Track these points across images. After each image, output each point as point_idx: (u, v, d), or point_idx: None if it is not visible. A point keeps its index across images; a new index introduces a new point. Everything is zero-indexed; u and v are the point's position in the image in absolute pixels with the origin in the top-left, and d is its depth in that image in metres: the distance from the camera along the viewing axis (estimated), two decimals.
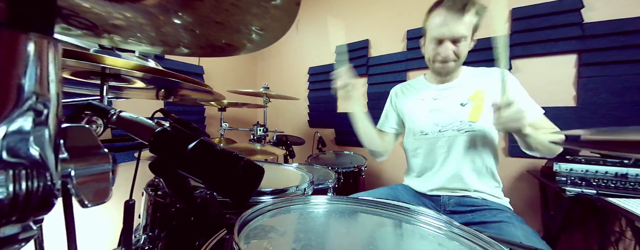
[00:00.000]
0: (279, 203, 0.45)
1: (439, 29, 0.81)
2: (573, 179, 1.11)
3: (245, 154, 1.14)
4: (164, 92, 0.78)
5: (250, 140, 1.41)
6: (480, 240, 0.37)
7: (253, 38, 0.32)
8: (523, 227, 0.71)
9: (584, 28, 1.35)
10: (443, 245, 0.38)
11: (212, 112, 2.14)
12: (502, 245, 0.34)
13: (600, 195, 1.02)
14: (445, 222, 0.42)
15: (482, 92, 0.88)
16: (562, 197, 1.12)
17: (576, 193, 1.07)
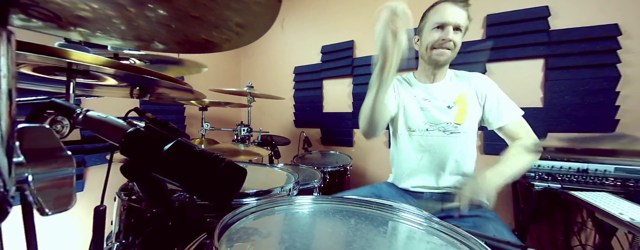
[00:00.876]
0: (262, 204, 0.44)
1: (444, 15, 0.84)
2: (540, 175, 1.19)
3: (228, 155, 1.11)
4: (138, 90, 0.74)
5: (234, 140, 1.37)
6: (457, 234, 0.39)
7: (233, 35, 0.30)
8: (497, 220, 0.76)
9: (550, 35, 1.46)
10: (423, 240, 0.39)
11: (192, 112, 2.06)
12: (478, 239, 0.36)
13: (564, 189, 1.11)
14: (425, 218, 0.44)
15: (465, 96, 0.92)
16: (530, 192, 1.20)
17: (543, 187, 1.15)
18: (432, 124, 0.93)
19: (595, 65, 1.38)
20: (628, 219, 0.78)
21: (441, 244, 0.38)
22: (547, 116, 1.46)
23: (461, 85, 0.94)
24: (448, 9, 0.84)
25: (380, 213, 0.49)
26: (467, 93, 0.92)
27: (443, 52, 0.87)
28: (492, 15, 1.59)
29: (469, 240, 0.36)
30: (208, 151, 0.31)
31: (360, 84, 2.02)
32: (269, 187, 0.62)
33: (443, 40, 0.85)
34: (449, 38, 0.84)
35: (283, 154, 1.83)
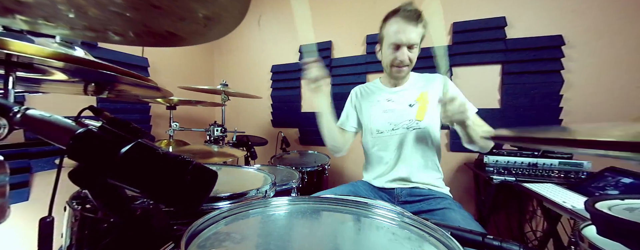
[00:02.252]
0: (236, 208, 0.42)
1: (397, 35, 0.89)
2: (498, 169, 1.31)
3: (200, 156, 1.05)
4: (94, 86, 0.66)
5: (206, 141, 1.30)
6: (427, 227, 0.40)
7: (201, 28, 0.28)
8: (461, 211, 0.82)
9: (506, 43, 1.61)
10: (396, 234, 0.41)
11: (159, 111, 1.91)
12: (445, 230, 0.38)
13: (518, 181, 1.24)
14: (398, 213, 0.45)
15: (426, 94, 1.00)
16: (490, 184, 1.32)
17: (500, 180, 1.28)
18: (396, 124, 0.99)
19: (544, 71, 1.55)
20: (570, 206, 0.89)
21: (411, 237, 0.39)
22: (504, 116, 1.61)
23: (424, 84, 1.02)
24: (401, 28, 0.88)
25: (357, 211, 0.50)
26: (429, 91, 1.00)
27: (400, 70, 0.96)
28: (458, 23, 1.71)
29: (436, 232, 0.38)
30: (173, 153, 0.28)
31: (338, 84, 2.04)
32: (244, 190, 0.60)
33: (400, 61, 0.93)
34: (403, 59, 0.92)
35: (260, 154, 1.78)
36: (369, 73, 1.96)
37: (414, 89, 1.02)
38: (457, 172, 1.73)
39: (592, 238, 0.48)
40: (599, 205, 0.48)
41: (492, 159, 1.33)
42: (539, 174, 1.25)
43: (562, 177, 1.22)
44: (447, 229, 0.41)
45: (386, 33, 0.94)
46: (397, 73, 0.97)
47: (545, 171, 1.25)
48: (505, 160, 1.32)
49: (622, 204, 0.49)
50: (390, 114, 1.01)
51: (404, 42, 0.89)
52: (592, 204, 0.47)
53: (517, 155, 1.31)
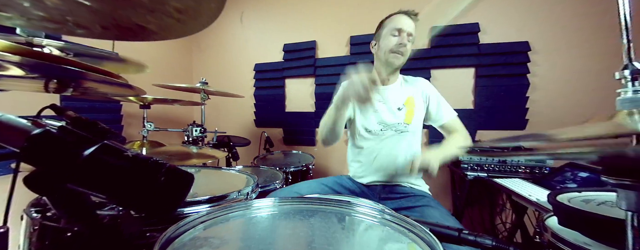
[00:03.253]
0: (214, 212, 0.40)
1: (400, 21, 0.97)
2: (472, 166, 1.39)
3: (177, 158, 1.00)
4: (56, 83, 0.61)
5: (184, 142, 1.24)
6: (407, 223, 0.42)
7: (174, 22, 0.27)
8: (439, 208, 0.86)
9: (480, 47, 1.71)
10: (377, 230, 0.41)
11: (132, 110, 1.79)
12: (424, 227, 0.40)
13: (489, 177, 1.32)
14: (379, 211, 0.46)
15: (413, 98, 1.04)
16: (464, 180, 1.40)
17: (474, 176, 1.36)
18: (385, 125, 1.02)
19: (512, 74, 1.67)
20: (535, 199, 0.96)
21: (393, 234, 0.40)
22: (477, 116, 1.71)
23: (409, 88, 1.06)
24: (403, 18, 0.97)
25: (340, 209, 0.50)
26: (414, 96, 1.04)
27: (398, 56, 0.98)
28: (436, 27, 1.79)
29: (415, 228, 0.40)
30: (145, 156, 0.27)
31: (323, 84, 2.04)
32: (224, 192, 0.58)
33: (400, 44, 0.95)
34: (404, 42, 0.95)
35: (242, 155, 1.73)
36: None
37: (402, 92, 1.05)
38: None
39: (554, 228, 0.52)
40: (559, 197, 0.52)
41: (467, 157, 1.41)
42: (508, 170, 1.35)
43: (528, 173, 1.32)
44: (426, 225, 0.42)
45: (387, 24, 0.99)
46: (393, 59, 0.97)
47: (513, 167, 1.34)
48: (478, 157, 1.40)
49: (580, 196, 0.54)
50: (379, 115, 1.03)
51: (405, 28, 0.96)
52: (554, 197, 0.51)
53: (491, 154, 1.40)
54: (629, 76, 0.31)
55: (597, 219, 0.41)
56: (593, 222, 0.42)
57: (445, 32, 1.75)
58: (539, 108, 1.64)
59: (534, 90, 1.64)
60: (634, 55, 0.31)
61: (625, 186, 0.28)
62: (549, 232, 0.52)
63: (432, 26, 1.74)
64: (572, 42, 1.58)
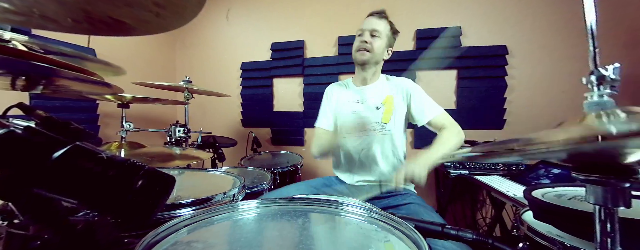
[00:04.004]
0: (199, 215, 0.39)
1: (363, 24, 1.03)
2: (455, 164, 1.44)
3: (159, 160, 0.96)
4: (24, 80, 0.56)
5: (167, 143, 1.19)
6: (392, 221, 0.42)
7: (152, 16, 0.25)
8: (424, 205, 0.89)
9: (461, 50, 1.78)
10: (364, 228, 0.42)
11: (109, 109, 1.70)
12: (409, 223, 0.41)
13: (471, 174, 1.38)
14: (366, 210, 0.47)
15: (392, 97, 1.04)
16: (448, 178, 1.46)
17: (457, 174, 1.42)
18: (363, 125, 1.04)
19: (491, 76, 1.75)
20: (512, 195, 1.01)
21: (379, 232, 0.41)
22: (459, 116, 1.77)
23: (389, 87, 1.07)
24: (368, 19, 1.04)
25: (328, 209, 0.50)
26: (394, 95, 1.05)
27: (363, 52, 1.02)
28: (420, 30, 1.85)
29: (401, 225, 0.41)
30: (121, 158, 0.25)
31: (311, 84, 2.04)
32: (209, 194, 0.56)
33: (361, 43, 1.01)
34: (363, 40, 1.00)
35: (228, 156, 1.69)
36: (341, 74, 2.00)
37: (380, 91, 1.06)
38: None
39: (529, 221, 0.55)
40: (534, 193, 0.55)
41: None
42: (488, 167, 1.41)
43: (506, 170, 1.39)
44: (411, 222, 0.43)
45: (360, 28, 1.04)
46: (360, 55, 1.02)
47: (492, 165, 1.41)
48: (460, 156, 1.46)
49: (553, 191, 0.57)
50: (357, 116, 1.05)
51: (366, 27, 1.01)
52: (529, 192, 0.54)
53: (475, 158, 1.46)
54: (595, 81, 0.33)
55: (568, 212, 0.44)
56: (564, 215, 0.45)
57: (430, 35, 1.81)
58: (515, 108, 1.73)
59: (511, 91, 1.74)
60: (599, 61, 0.34)
61: (593, 181, 0.30)
62: (525, 226, 0.55)
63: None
64: (546, 46, 1.69)
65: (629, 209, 0.28)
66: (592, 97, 0.33)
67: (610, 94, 0.32)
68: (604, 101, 0.32)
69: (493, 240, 0.40)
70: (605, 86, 0.32)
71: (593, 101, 0.33)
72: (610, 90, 0.32)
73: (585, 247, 0.44)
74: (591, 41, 0.34)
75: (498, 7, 1.76)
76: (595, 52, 0.34)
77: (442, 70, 1.83)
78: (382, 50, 1.03)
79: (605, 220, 0.30)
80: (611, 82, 0.32)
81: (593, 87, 0.33)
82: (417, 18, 1.84)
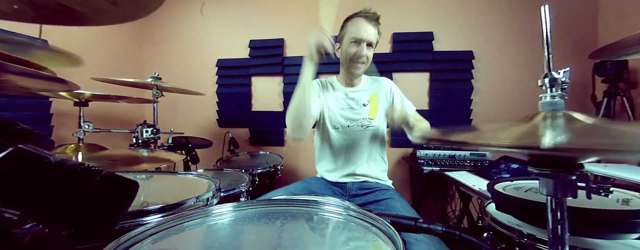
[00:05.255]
0: (167, 222, 0.36)
1: (358, 31, 0.96)
2: (428, 161, 1.53)
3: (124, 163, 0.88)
4: None
5: (132, 145, 1.10)
6: (369, 218, 0.43)
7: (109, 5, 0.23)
8: (401, 200, 0.93)
9: (434, 54, 1.89)
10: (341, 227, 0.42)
11: (64, 108, 1.52)
12: (384, 219, 0.42)
13: (441, 170, 1.48)
14: (344, 208, 0.47)
15: (377, 95, 1.09)
16: (421, 174, 1.54)
17: (429, 170, 1.51)
18: (352, 121, 1.06)
19: (460, 79, 1.89)
20: (477, 188, 1.10)
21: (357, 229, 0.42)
22: (431, 116, 1.88)
23: (374, 86, 1.12)
24: (363, 25, 0.96)
25: (307, 209, 0.50)
26: (379, 93, 1.10)
27: (359, 66, 1.00)
28: (397, 33, 1.92)
29: (377, 221, 0.42)
30: (74, 162, 0.22)
31: (291, 83, 2.02)
32: (180, 199, 0.53)
33: (359, 56, 0.97)
34: (363, 54, 0.97)
35: (203, 158, 1.61)
36: (321, 74, 2.00)
37: (367, 90, 1.10)
38: (396, 165, 1.95)
39: (492, 213, 0.60)
40: (496, 186, 0.60)
41: (423, 153, 1.55)
42: (457, 164, 1.51)
43: (472, 166, 1.50)
44: (386, 218, 0.45)
45: (348, 31, 0.99)
46: (354, 69, 1.00)
47: (461, 161, 1.51)
48: (432, 153, 1.55)
49: (512, 184, 0.63)
50: (348, 112, 1.07)
51: (364, 37, 0.95)
52: (492, 186, 0.59)
53: (440, 148, 1.56)
54: (548, 84, 0.37)
55: (524, 203, 0.48)
56: (521, 206, 0.49)
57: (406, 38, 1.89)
58: (480, 109, 1.88)
59: (476, 93, 1.88)
60: (552, 66, 0.37)
61: (545, 175, 0.33)
62: (489, 217, 0.59)
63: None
64: (508, 52, 1.86)
65: (575, 199, 0.32)
66: (545, 98, 0.37)
67: (561, 96, 0.36)
68: (555, 102, 0.36)
69: (460, 231, 0.43)
70: (557, 88, 0.36)
71: (546, 102, 0.37)
72: (561, 92, 0.36)
73: (540, 234, 0.49)
74: (546, 48, 0.38)
75: (466, 16, 1.90)
76: (549, 57, 0.37)
77: (417, 72, 1.94)
78: (371, 57, 1.03)
79: (555, 209, 0.33)
80: (561, 85, 0.36)
81: (546, 89, 0.37)
82: (393, 22, 1.91)
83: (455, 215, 1.82)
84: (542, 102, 0.37)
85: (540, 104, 0.38)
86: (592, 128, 0.32)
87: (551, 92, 0.36)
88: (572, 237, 0.34)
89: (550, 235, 0.33)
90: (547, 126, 0.34)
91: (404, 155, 1.92)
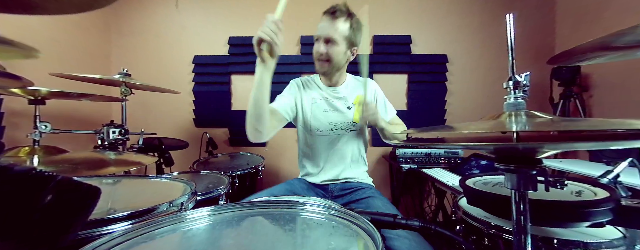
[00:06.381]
0: (136, 230, 0.33)
1: (319, 26, 0.94)
2: (406, 159, 1.59)
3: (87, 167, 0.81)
4: None
5: (97, 147, 1.01)
6: (350, 216, 0.44)
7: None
8: (381, 198, 0.95)
9: (412, 57, 1.98)
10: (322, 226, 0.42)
11: (18, 106, 1.36)
12: (365, 217, 0.43)
13: (418, 168, 1.54)
14: (325, 207, 0.47)
15: (361, 97, 1.07)
16: (400, 172, 1.60)
17: (408, 168, 1.57)
18: (335, 124, 1.05)
19: (435, 81, 1.99)
20: (451, 184, 1.16)
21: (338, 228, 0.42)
22: (409, 116, 1.97)
23: (357, 88, 1.10)
24: (321, 21, 0.94)
25: (288, 210, 0.49)
26: (363, 95, 1.06)
27: (321, 64, 0.97)
28: (377, 36, 1.97)
29: (358, 219, 0.42)
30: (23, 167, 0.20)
31: (273, 82, 1.97)
32: (151, 205, 0.49)
33: (315, 52, 0.96)
34: (320, 50, 0.94)
35: (179, 160, 1.53)
36: (304, 73, 1.99)
37: (351, 92, 1.08)
38: (377, 163, 2.01)
39: (464, 206, 0.64)
40: (467, 182, 0.64)
41: (402, 151, 1.61)
42: (432, 161, 1.59)
43: (446, 163, 1.59)
44: (367, 216, 0.46)
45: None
46: (318, 67, 0.98)
47: (436, 158, 1.60)
48: (410, 151, 1.61)
49: (481, 180, 0.67)
50: (331, 115, 1.05)
51: (321, 35, 0.93)
52: (463, 181, 0.63)
53: (417, 147, 1.63)
54: (512, 86, 0.40)
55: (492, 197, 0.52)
56: (489, 199, 0.53)
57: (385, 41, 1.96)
58: (453, 110, 2.00)
59: (450, 95, 2.00)
60: (515, 70, 0.41)
61: (510, 170, 0.36)
62: (461, 210, 0.63)
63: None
64: (478, 56, 2.00)
65: (536, 192, 0.35)
66: (509, 99, 0.40)
67: (523, 97, 0.39)
68: (518, 102, 0.39)
69: (435, 226, 0.45)
70: (519, 90, 0.39)
71: (510, 102, 0.40)
72: (523, 94, 0.39)
73: (506, 224, 0.53)
74: (510, 53, 0.41)
75: (441, 21, 2.01)
76: (512, 62, 0.41)
77: (396, 74, 2.01)
78: (342, 55, 0.96)
79: (519, 201, 0.36)
80: (523, 87, 0.39)
81: (510, 91, 0.40)
82: (374, 25, 1.96)
83: (431, 210, 1.91)
84: (507, 103, 0.41)
85: (505, 105, 0.41)
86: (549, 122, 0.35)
87: (514, 93, 0.39)
88: (533, 226, 0.38)
89: (515, 225, 0.36)
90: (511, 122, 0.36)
91: (384, 154, 1.98)
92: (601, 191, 0.51)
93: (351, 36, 0.95)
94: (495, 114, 0.41)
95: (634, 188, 0.58)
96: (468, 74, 2.01)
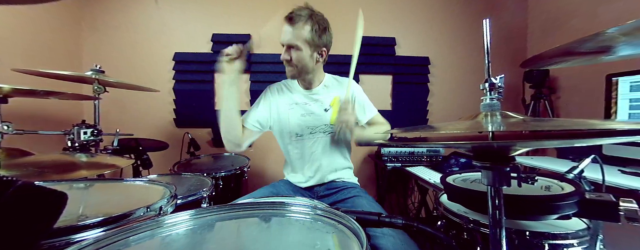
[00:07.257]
0: (109, 237, 0.31)
1: (281, 36, 0.94)
2: (391, 158, 1.63)
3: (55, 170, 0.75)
4: None
5: (67, 149, 0.95)
6: (335, 215, 0.44)
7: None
8: (366, 197, 0.96)
9: (396, 59, 2.03)
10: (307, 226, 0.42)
11: None
12: (350, 216, 0.43)
13: (403, 166, 1.59)
14: (311, 208, 0.47)
15: (338, 98, 1.05)
16: (385, 170, 1.63)
17: (392, 166, 1.61)
18: (314, 127, 1.04)
19: (418, 83, 2.06)
20: (433, 181, 1.20)
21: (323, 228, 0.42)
22: (394, 116, 2.02)
23: (336, 88, 1.08)
24: (283, 28, 0.93)
25: (273, 211, 0.49)
26: (340, 96, 1.06)
27: (288, 69, 0.97)
28: (364, 37, 1.96)
29: (343, 218, 0.43)
30: None
31: (259, 81, 1.95)
32: (127, 210, 0.47)
33: (282, 59, 0.96)
34: (282, 57, 0.95)
35: (158, 162, 1.46)
36: None
37: (328, 93, 1.06)
38: (362, 163, 2.04)
39: (445, 203, 0.66)
40: (448, 179, 0.66)
41: (387, 150, 1.65)
42: (416, 160, 1.64)
43: (428, 161, 1.64)
44: (352, 215, 0.46)
45: None
46: (287, 72, 0.98)
47: (419, 157, 1.65)
48: (395, 150, 1.65)
49: (461, 177, 0.70)
50: (308, 118, 1.03)
51: (283, 41, 0.93)
52: (444, 179, 0.65)
53: (401, 146, 1.67)
54: (487, 87, 0.42)
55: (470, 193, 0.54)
56: (468, 195, 0.55)
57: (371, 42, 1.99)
58: (434, 110, 2.09)
59: (431, 96, 2.08)
60: (491, 72, 0.43)
61: (486, 167, 0.37)
62: (442, 207, 0.65)
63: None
64: (458, 59, 2.09)
65: (509, 187, 0.37)
66: (485, 100, 0.42)
67: (498, 98, 0.41)
68: (493, 103, 0.41)
69: (418, 223, 0.47)
70: (494, 92, 0.41)
71: (486, 103, 0.42)
72: (498, 95, 0.41)
73: (483, 219, 0.56)
74: (486, 57, 0.43)
75: (423, 24, 2.08)
76: (488, 65, 0.43)
77: (381, 75, 2.05)
78: (308, 59, 0.94)
79: (494, 196, 0.38)
80: (498, 89, 0.41)
81: (486, 92, 0.42)
82: None
83: (415, 206, 1.97)
84: (483, 103, 0.43)
85: (481, 105, 0.43)
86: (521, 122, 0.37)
87: (490, 95, 0.41)
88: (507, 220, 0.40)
89: (491, 219, 0.38)
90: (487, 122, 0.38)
91: (369, 153, 2.02)
92: (568, 186, 0.55)
93: (314, 39, 0.92)
94: (472, 114, 0.43)
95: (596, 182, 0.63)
96: (449, 76, 2.09)
